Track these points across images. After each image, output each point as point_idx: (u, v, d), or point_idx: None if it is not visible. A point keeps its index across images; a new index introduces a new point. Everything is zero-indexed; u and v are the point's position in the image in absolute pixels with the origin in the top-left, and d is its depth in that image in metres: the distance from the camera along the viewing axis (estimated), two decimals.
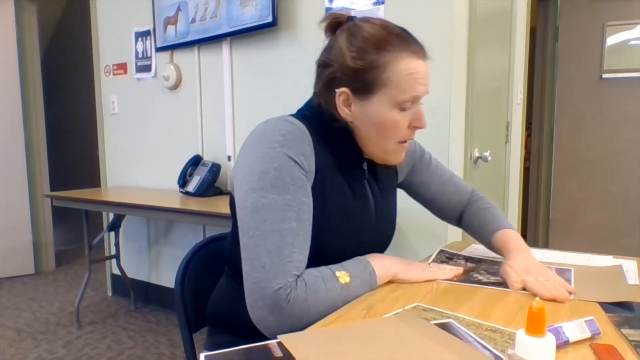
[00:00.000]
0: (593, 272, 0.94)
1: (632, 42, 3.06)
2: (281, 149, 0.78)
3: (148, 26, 2.64)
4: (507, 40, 2.28)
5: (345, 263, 0.84)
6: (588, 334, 0.62)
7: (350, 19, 0.88)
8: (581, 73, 3.21)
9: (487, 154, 1.91)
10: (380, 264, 0.87)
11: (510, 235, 0.98)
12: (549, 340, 0.50)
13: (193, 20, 2.38)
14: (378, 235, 0.96)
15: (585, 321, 0.63)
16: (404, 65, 0.81)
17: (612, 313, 0.73)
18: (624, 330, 0.66)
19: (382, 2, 1.82)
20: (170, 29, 2.50)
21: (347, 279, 0.80)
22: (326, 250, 0.85)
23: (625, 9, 3.06)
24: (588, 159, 3.22)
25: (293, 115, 0.87)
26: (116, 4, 2.82)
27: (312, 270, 0.79)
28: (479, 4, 1.80)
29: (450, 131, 1.73)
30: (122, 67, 2.85)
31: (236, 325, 0.92)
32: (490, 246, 1.03)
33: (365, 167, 0.93)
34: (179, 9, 2.44)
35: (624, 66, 3.07)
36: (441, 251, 1.12)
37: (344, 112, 0.85)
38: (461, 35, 1.71)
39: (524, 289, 0.83)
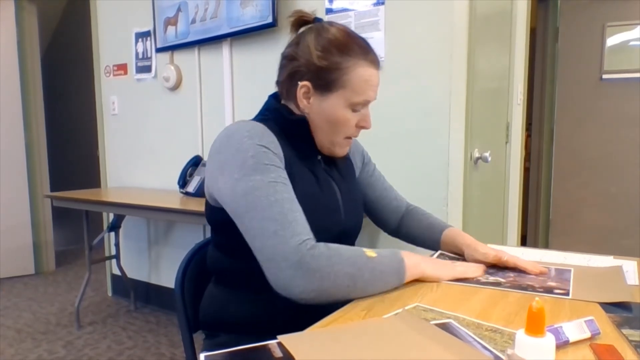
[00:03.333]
0: (593, 273, 0.94)
1: (632, 43, 3.06)
2: (251, 140, 0.83)
3: (148, 27, 2.64)
4: (507, 40, 2.28)
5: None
6: (588, 334, 0.62)
7: (317, 19, 0.95)
8: (581, 73, 3.21)
9: (487, 154, 1.91)
10: (409, 257, 0.86)
11: (461, 231, 1.08)
12: (549, 340, 0.50)
13: (193, 21, 2.39)
14: (347, 218, 0.99)
15: (585, 321, 0.63)
16: (362, 72, 0.89)
17: (612, 313, 0.73)
18: (624, 330, 0.66)
19: (382, 3, 1.82)
20: (171, 29, 2.50)
21: (373, 254, 0.82)
22: None
23: (625, 9, 3.05)
24: (588, 159, 3.22)
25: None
26: (116, 4, 2.82)
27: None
28: (479, 4, 1.80)
29: (450, 131, 1.73)
30: (122, 68, 2.85)
31: (231, 324, 0.93)
32: (438, 242, 1.10)
33: (319, 158, 0.98)
34: (179, 10, 2.44)
35: (624, 67, 3.07)
36: (442, 253, 1.12)
37: (302, 103, 0.92)
38: (461, 35, 1.71)
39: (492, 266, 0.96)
